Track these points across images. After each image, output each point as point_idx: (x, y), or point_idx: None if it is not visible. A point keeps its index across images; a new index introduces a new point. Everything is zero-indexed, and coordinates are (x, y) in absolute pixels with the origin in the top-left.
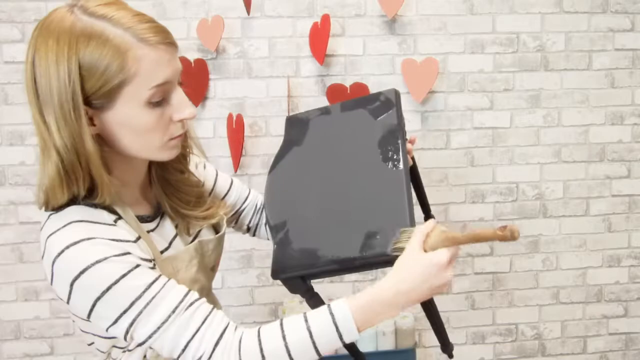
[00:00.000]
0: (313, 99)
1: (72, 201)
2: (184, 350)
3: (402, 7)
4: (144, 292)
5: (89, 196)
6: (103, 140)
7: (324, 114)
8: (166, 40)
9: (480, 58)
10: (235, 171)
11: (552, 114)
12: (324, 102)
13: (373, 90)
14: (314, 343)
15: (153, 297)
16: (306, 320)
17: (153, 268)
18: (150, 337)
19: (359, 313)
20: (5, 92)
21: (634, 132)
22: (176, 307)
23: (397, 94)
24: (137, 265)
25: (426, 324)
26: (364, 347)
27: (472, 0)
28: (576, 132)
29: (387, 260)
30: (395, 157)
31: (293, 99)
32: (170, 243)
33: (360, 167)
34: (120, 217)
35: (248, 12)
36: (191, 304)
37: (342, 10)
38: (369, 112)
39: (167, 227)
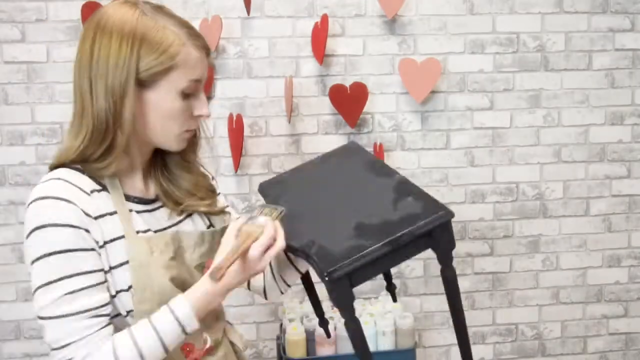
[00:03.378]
0: (313, 99)
1: (62, 165)
2: (62, 347)
3: (402, 7)
4: (76, 275)
5: (96, 161)
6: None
7: (297, 171)
8: (206, 47)
9: (480, 58)
10: (236, 171)
11: (552, 114)
12: (324, 102)
13: (373, 90)
14: (161, 340)
15: (80, 288)
16: (151, 322)
17: (101, 248)
18: (49, 317)
19: (196, 308)
20: (6, 92)
21: (634, 132)
22: (88, 310)
23: (358, 145)
24: (86, 249)
25: (426, 323)
26: None
27: (472, 0)
28: (576, 132)
29: (428, 233)
30: (387, 170)
31: (293, 99)
32: (165, 229)
33: (360, 185)
34: (104, 189)
35: (248, 12)
36: (97, 316)
37: (342, 10)
38: (341, 157)
39: (162, 214)
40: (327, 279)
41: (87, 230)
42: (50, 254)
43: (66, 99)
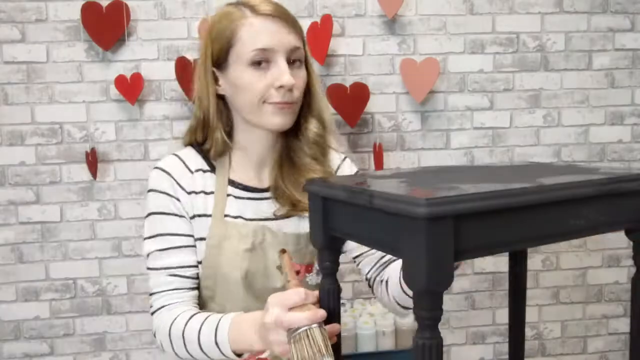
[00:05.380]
0: None
1: (193, 144)
2: (150, 295)
3: (402, 7)
4: (165, 235)
5: (202, 143)
6: (225, 102)
7: None
8: (276, 13)
9: (480, 58)
10: None
11: (552, 114)
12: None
13: (373, 90)
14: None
15: (167, 247)
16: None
17: (191, 219)
18: (147, 268)
19: (234, 346)
20: (5, 92)
21: (634, 132)
22: (168, 268)
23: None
24: (176, 214)
25: None
26: (364, 347)
27: (472, 0)
28: (576, 132)
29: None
30: None
31: None
32: (257, 220)
33: None
34: (212, 171)
35: None
36: (177, 275)
37: (342, 10)
38: None
39: (267, 206)
40: None
41: (178, 200)
42: (150, 214)
43: (66, 99)
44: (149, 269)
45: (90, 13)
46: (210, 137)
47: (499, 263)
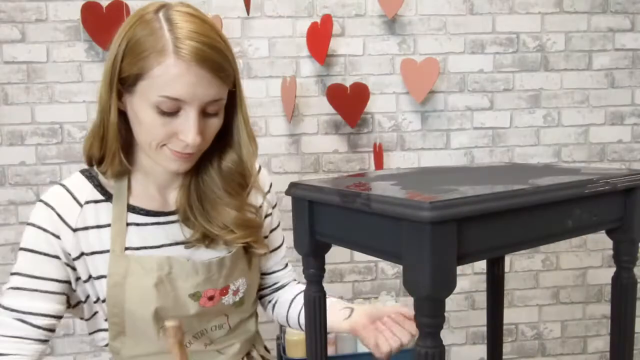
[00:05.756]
0: (313, 99)
1: (83, 171)
2: None
3: (402, 7)
4: (26, 275)
5: (99, 164)
6: (127, 123)
7: None
8: (199, 59)
9: (480, 58)
10: None
11: (552, 114)
12: (324, 102)
13: (373, 90)
14: None
15: (23, 287)
16: None
17: (76, 259)
18: None
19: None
20: (5, 92)
21: (634, 132)
22: (16, 311)
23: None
24: (48, 254)
25: None
26: (364, 347)
27: (472, 0)
28: (576, 132)
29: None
30: None
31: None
32: (171, 245)
33: None
34: (107, 200)
35: (248, 12)
36: (23, 322)
37: (342, 10)
38: None
39: (176, 230)
40: None
41: (58, 237)
42: (20, 249)
43: (66, 99)
44: None
45: (90, 13)
46: (107, 155)
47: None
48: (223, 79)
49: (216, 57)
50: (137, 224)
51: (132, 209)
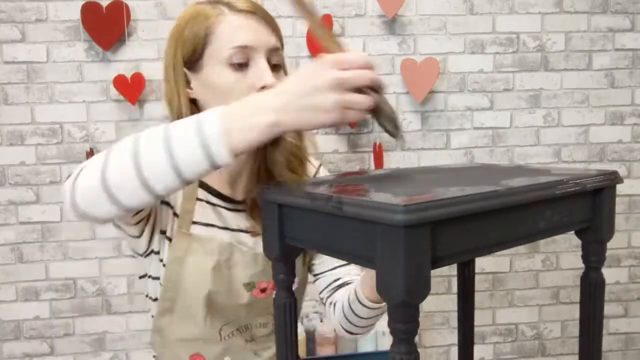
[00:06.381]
0: None
1: None
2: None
3: (402, 7)
4: None
5: None
6: (197, 106)
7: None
8: (255, 11)
9: (480, 58)
10: None
11: (552, 114)
12: None
13: None
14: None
15: None
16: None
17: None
18: None
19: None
20: (5, 92)
21: (634, 132)
22: None
23: None
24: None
25: (426, 323)
26: (364, 347)
27: (472, 0)
28: (576, 132)
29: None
30: None
31: None
32: (235, 230)
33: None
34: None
35: None
36: None
37: (342, 10)
38: None
39: (243, 218)
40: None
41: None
42: None
43: (66, 99)
44: None
45: (90, 13)
46: None
47: (499, 263)
48: (276, 31)
49: (265, 13)
50: (208, 202)
51: (204, 186)
